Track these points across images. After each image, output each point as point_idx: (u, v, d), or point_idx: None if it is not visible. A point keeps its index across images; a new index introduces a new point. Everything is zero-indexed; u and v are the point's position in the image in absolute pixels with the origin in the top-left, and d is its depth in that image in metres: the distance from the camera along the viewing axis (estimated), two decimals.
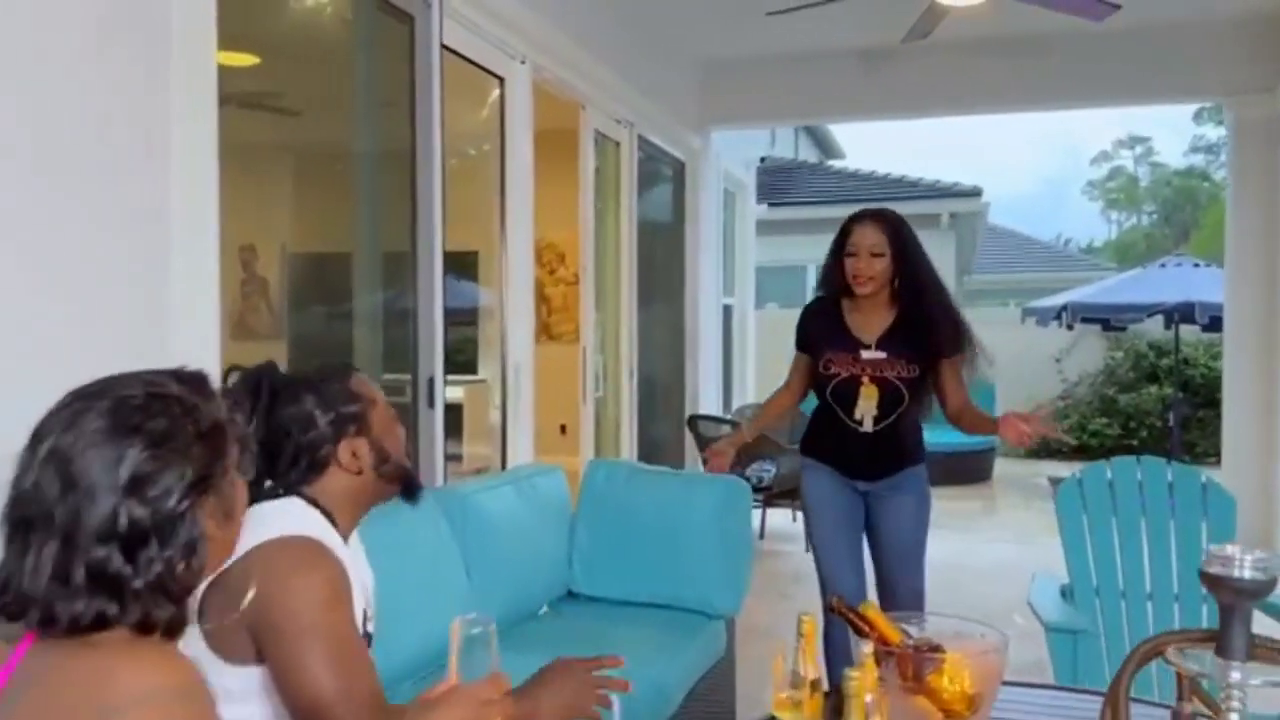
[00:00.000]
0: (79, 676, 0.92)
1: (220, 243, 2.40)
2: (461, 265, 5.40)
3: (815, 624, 1.71)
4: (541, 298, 6.83)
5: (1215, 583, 1.12)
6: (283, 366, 1.56)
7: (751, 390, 8.14)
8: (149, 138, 2.15)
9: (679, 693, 2.64)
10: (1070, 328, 9.19)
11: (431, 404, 3.33)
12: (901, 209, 10.19)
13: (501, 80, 4.02)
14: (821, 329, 2.86)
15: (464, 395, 5.83)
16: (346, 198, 3.87)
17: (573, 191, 4.86)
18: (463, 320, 5.83)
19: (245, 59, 4.78)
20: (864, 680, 1.51)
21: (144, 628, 0.95)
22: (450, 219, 3.67)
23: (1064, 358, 10.93)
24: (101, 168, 2.03)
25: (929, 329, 2.75)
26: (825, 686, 1.68)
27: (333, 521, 1.45)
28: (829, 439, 2.89)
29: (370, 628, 1.56)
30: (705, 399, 6.61)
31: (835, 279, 2.82)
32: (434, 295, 3.35)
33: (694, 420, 6.15)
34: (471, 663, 1.15)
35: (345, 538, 1.49)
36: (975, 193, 12.69)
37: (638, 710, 2.49)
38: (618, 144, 5.31)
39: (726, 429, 6.00)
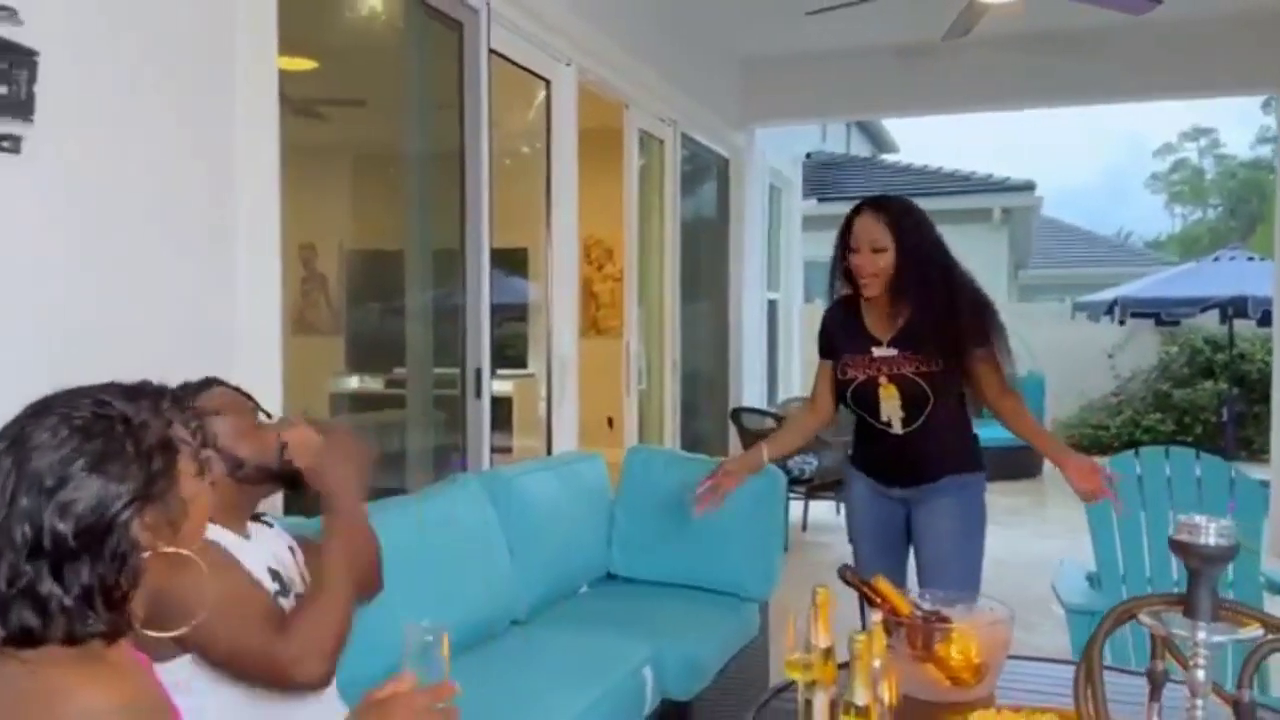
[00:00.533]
0: (35, 693, 0.96)
1: (282, 242, 2.58)
2: (512, 262, 5.55)
3: (829, 595, 1.82)
4: (590, 293, 6.99)
5: (1183, 549, 1.22)
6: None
7: (796, 384, 8.22)
8: (215, 153, 2.33)
9: (711, 668, 2.76)
10: (1122, 323, 9.10)
11: (479, 394, 3.48)
12: (953, 204, 10.31)
13: (548, 83, 4.16)
14: (839, 331, 2.67)
15: (514, 389, 5.99)
16: (399, 197, 4.05)
17: (619, 189, 5.00)
18: (513, 316, 5.99)
19: (304, 64, 5.01)
20: (869, 643, 1.62)
21: (70, 641, 0.98)
22: (501, 217, 3.84)
23: (1117, 353, 10.81)
24: (172, 184, 2.21)
25: (947, 319, 2.49)
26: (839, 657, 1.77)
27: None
28: (865, 445, 2.71)
29: (296, 590, 1.67)
30: (749, 392, 6.70)
31: (841, 277, 2.62)
32: (481, 291, 3.51)
33: (737, 413, 6.25)
34: (423, 668, 1.19)
35: (240, 531, 1.62)
36: (1028, 187, 12.60)
37: (671, 681, 2.63)
38: (661, 142, 5.43)
39: (770, 422, 6.09)
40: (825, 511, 6.28)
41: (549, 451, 4.16)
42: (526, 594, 2.77)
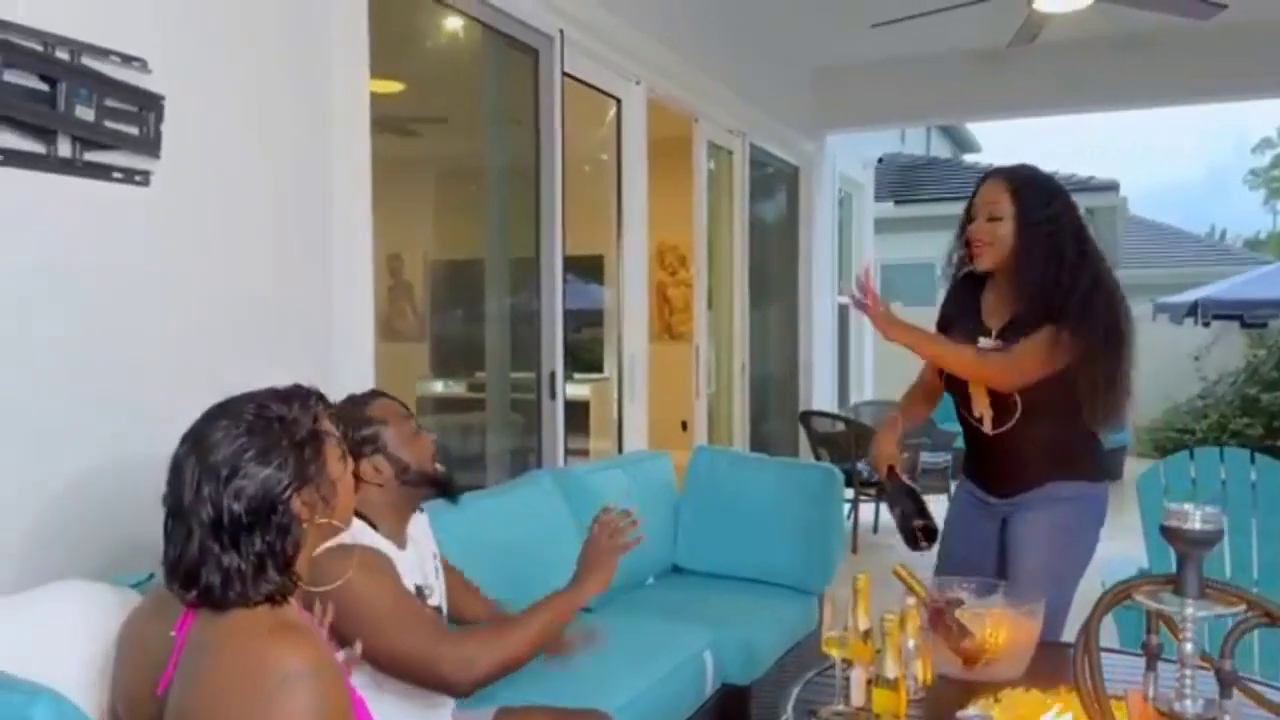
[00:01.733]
0: (240, 658, 1.16)
1: (373, 253, 2.83)
2: (589, 268, 5.76)
3: (868, 580, 1.98)
4: (664, 298, 7.18)
5: (1172, 534, 1.35)
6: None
7: (869, 388, 8.28)
8: (315, 174, 2.58)
9: (770, 655, 2.92)
10: (1206, 324, 8.93)
11: (553, 396, 3.69)
12: None
13: (618, 101, 4.37)
14: (957, 307, 2.47)
15: (590, 392, 6.21)
16: (479, 209, 4.30)
17: (691, 196, 5.18)
18: (590, 321, 6.20)
19: (392, 86, 5.32)
20: (899, 622, 1.77)
21: (246, 600, 1.19)
22: (579, 224, 4.04)
23: (1203, 355, 10.57)
24: (278, 205, 2.46)
25: (1052, 315, 2.22)
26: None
27: (374, 525, 1.75)
28: (966, 444, 2.52)
29: (433, 600, 1.86)
30: (819, 395, 6.81)
31: (962, 248, 2.41)
32: (555, 297, 3.72)
33: (806, 416, 6.37)
34: None
35: (394, 536, 1.79)
36: (1111, 186, 12.36)
37: (730, 666, 2.80)
38: (730, 153, 5.60)
39: (840, 425, 6.20)
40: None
41: (620, 452, 4.36)
42: None
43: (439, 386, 5.62)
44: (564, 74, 3.80)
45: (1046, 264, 2.23)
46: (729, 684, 2.80)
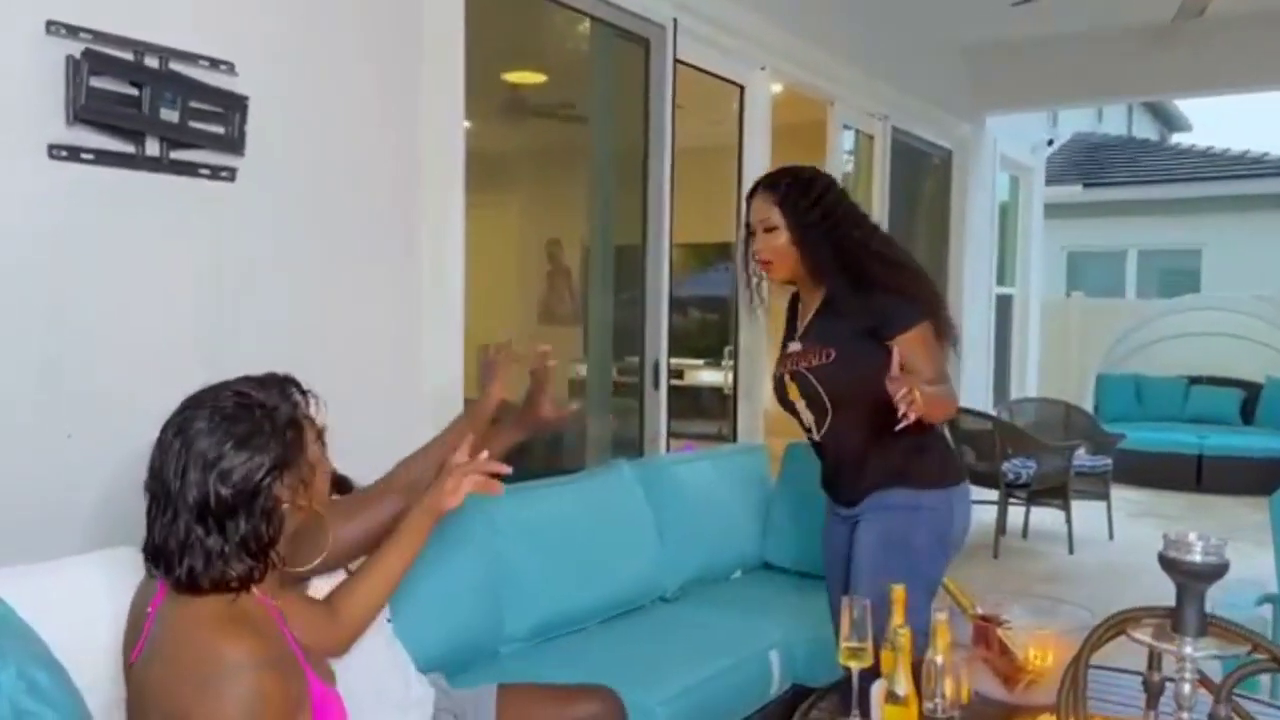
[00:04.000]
0: (189, 644, 1.22)
1: (465, 254, 2.87)
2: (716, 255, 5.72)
3: (904, 592, 1.89)
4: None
5: (1171, 565, 1.22)
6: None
7: (1033, 384, 7.83)
8: (402, 171, 2.69)
9: None
10: None
11: (656, 386, 3.71)
12: (1249, 188, 9.41)
13: (741, 88, 4.31)
14: (786, 325, 2.43)
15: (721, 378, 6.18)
16: (627, 195, 4.28)
17: None
18: (715, 308, 6.15)
19: (535, 77, 5.46)
20: (909, 637, 1.69)
21: (224, 584, 1.26)
22: (707, 212, 3.98)
23: None
24: (363, 203, 2.58)
25: (857, 304, 2.18)
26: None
27: None
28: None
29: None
30: (970, 392, 6.50)
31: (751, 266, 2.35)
32: (660, 286, 3.74)
33: None
34: None
35: None
36: None
37: (802, 666, 2.74)
38: (871, 137, 5.42)
39: (988, 424, 5.91)
40: (1052, 519, 5.97)
41: (735, 439, 4.33)
42: (676, 574, 2.97)
43: (582, 370, 5.74)
44: (679, 61, 3.79)
45: (837, 257, 2.20)
46: (800, 685, 2.75)
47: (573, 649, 2.53)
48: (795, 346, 2.30)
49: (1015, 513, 6.00)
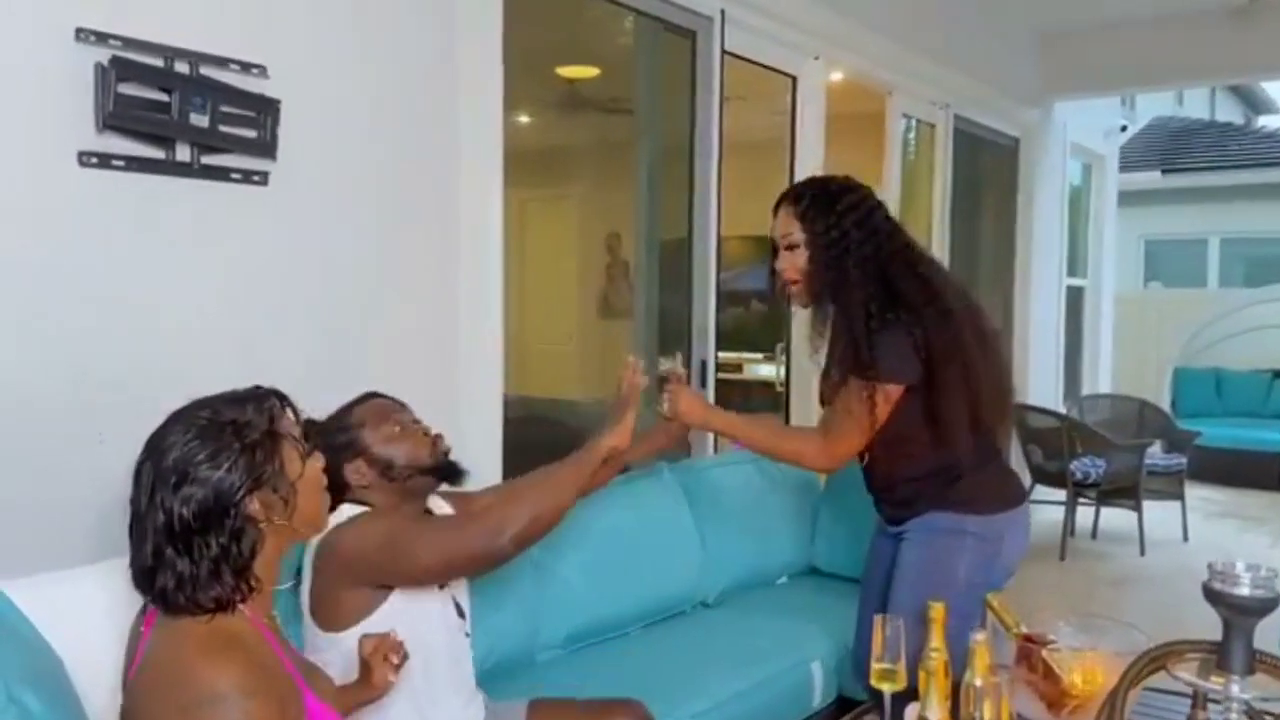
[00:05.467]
0: (174, 668, 1.18)
1: (504, 254, 2.84)
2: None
3: (942, 609, 1.81)
4: None
5: (1216, 598, 1.13)
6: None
7: (1105, 380, 7.56)
8: (440, 171, 2.66)
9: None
10: None
11: (704, 385, 3.64)
12: None
13: (793, 79, 4.21)
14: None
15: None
16: (677, 188, 4.22)
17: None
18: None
19: (589, 71, 5.43)
20: (940, 660, 1.60)
21: (197, 606, 1.22)
22: (758, 204, 3.85)
23: None
24: (398, 207, 2.56)
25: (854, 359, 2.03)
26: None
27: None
28: None
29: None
30: (1039, 388, 6.30)
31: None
32: (707, 282, 3.67)
33: (1017, 409, 5.90)
34: None
35: None
36: None
37: (846, 678, 2.65)
38: (932, 126, 5.26)
39: (1055, 421, 5.72)
40: (1122, 520, 5.76)
41: None
42: (717, 580, 2.91)
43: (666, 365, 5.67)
44: (726, 53, 3.70)
45: (836, 291, 2.03)
46: (847, 697, 2.66)
47: (610, 656, 2.48)
48: (832, 374, 2.17)
49: (1085, 513, 5.80)
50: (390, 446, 1.80)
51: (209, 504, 1.24)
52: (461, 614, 1.86)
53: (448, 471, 1.85)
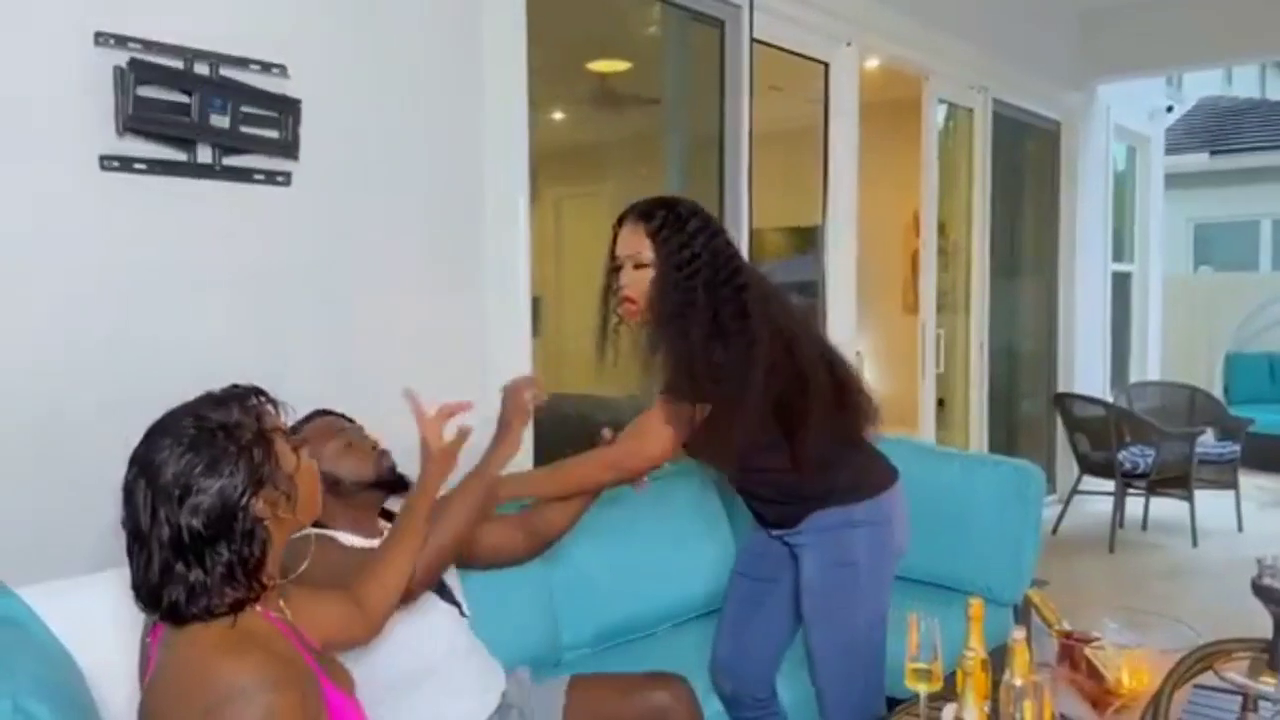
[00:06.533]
0: (192, 671, 1.17)
1: (530, 250, 2.82)
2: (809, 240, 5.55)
3: (981, 606, 1.76)
4: (912, 268, 6.78)
5: (1266, 594, 1.07)
6: None
7: (1154, 367, 7.38)
8: (464, 168, 2.64)
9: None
10: None
11: None
12: None
13: (826, 65, 4.14)
14: None
15: None
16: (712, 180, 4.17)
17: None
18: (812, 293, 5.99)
19: (619, 65, 5.40)
20: (977, 660, 1.55)
21: (211, 613, 1.20)
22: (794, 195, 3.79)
23: None
24: (421, 206, 2.54)
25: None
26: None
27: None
28: None
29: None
30: (1084, 376, 6.17)
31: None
32: None
33: (1061, 398, 5.78)
34: None
35: (371, 535, 1.81)
36: None
37: (891, 675, 2.59)
38: (970, 110, 5.16)
39: (1100, 410, 5.59)
40: (1174, 510, 5.61)
41: None
42: None
43: None
44: (755, 41, 3.65)
45: (679, 312, 1.89)
46: (889, 696, 2.60)
47: (638, 655, 2.44)
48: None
49: (1134, 504, 5.66)
50: (336, 463, 1.79)
51: (217, 512, 1.22)
52: (461, 610, 1.86)
53: (393, 484, 1.85)
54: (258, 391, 1.34)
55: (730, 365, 1.87)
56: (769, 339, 1.90)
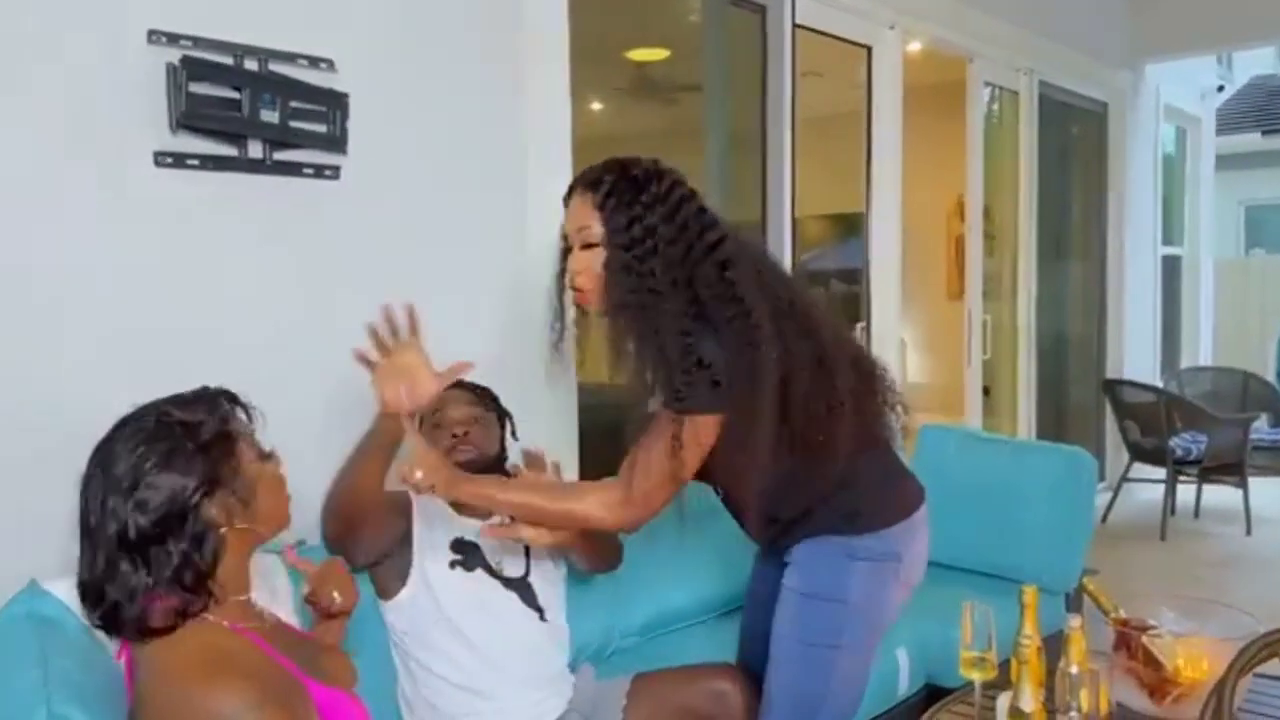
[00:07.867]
0: (172, 700, 1.12)
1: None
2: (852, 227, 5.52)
3: (1035, 594, 1.74)
4: (959, 253, 6.70)
5: None
6: None
7: (1206, 352, 7.23)
8: (507, 158, 2.64)
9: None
10: None
11: None
12: None
13: (869, 49, 4.10)
14: None
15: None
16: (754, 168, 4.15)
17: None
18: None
19: (659, 53, 5.39)
20: (1033, 648, 1.54)
21: (147, 621, 1.16)
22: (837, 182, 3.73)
23: None
24: (467, 201, 2.55)
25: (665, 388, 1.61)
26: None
27: None
28: None
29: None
30: (1133, 361, 6.06)
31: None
32: (783, 262, 3.58)
33: (1110, 385, 5.69)
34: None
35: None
36: None
37: (935, 665, 2.58)
38: (1015, 93, 5.08)
39: (1149, 395, 5.49)
40: (1229, 498, 5.50)
41: None
42: None
43: None
44: (797, 26, 3.62)
45: (639, 301, 1.55)
46: (934, 685, 2.59)
47: (686, 644, 2.45)
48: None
49: (1185, 491, 5.56)
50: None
51: (165, 509, 1.17)
52: (537, 606, 1.87)
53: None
54: (228, 395, 1.31)
55: (730, 360, 1.54)
56: (771, 320, 1.54)
